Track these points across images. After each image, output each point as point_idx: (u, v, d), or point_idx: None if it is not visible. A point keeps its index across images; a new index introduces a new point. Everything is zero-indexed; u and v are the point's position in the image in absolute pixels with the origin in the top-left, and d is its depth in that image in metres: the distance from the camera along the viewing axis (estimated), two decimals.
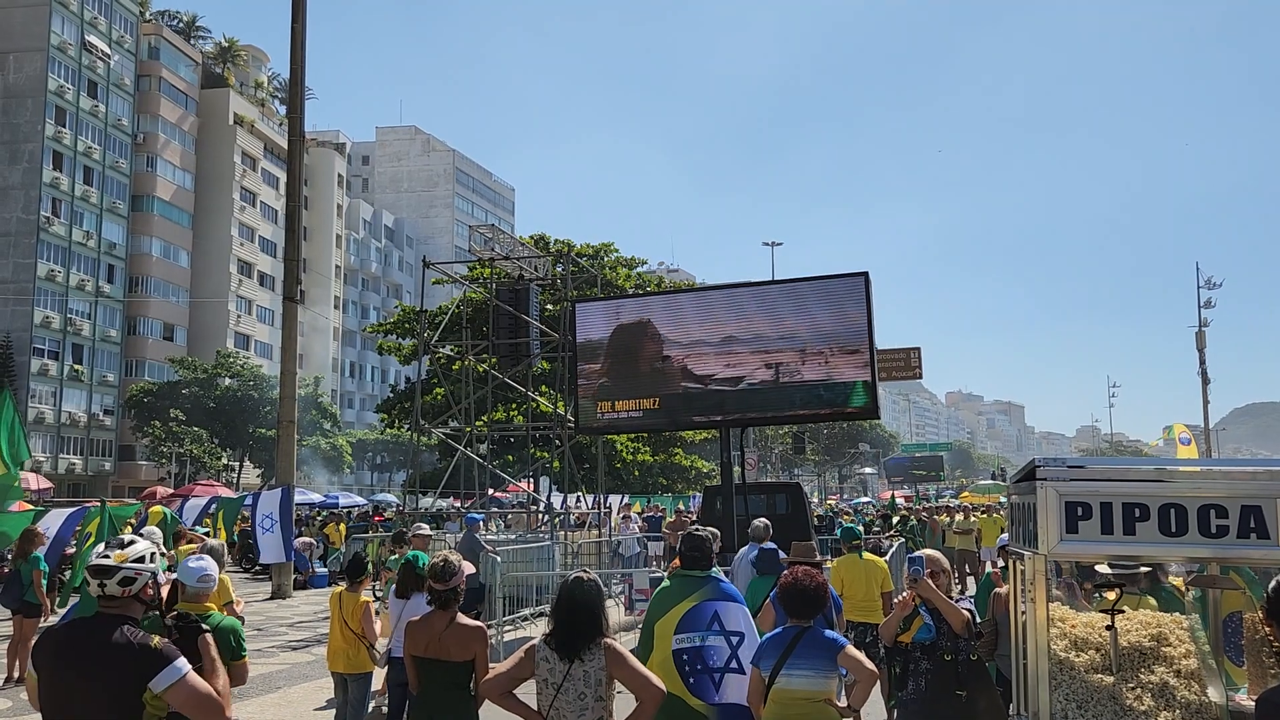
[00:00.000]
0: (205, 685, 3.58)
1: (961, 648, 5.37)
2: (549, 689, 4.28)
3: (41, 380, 57.52)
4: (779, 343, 14.61)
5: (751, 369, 14.72)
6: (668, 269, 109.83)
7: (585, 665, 4.26)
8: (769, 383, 14.60)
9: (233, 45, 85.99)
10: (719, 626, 5.33)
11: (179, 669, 3.46)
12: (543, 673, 4.31)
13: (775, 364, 14.60)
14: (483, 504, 26.26)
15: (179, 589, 4.97)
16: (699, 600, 5.39)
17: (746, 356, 14.74)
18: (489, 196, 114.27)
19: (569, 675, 4.25)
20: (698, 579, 5.52)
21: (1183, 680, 3.65)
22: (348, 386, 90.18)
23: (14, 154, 58.01)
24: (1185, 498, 3.45)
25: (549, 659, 4.31)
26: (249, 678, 5.64)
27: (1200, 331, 45.26)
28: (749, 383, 14.71)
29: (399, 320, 41.58)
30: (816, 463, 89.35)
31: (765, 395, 14.66)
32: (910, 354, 43.52)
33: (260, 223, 77.22)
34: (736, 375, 14.79)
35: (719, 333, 14.95)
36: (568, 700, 4.24)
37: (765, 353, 14.66)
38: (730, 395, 14.77)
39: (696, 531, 5.84)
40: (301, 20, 20.23)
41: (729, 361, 14.85)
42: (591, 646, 4.29)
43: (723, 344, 14.91)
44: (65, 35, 59.98)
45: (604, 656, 4.29)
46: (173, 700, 3.47)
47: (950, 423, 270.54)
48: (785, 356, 14.56)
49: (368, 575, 8.11)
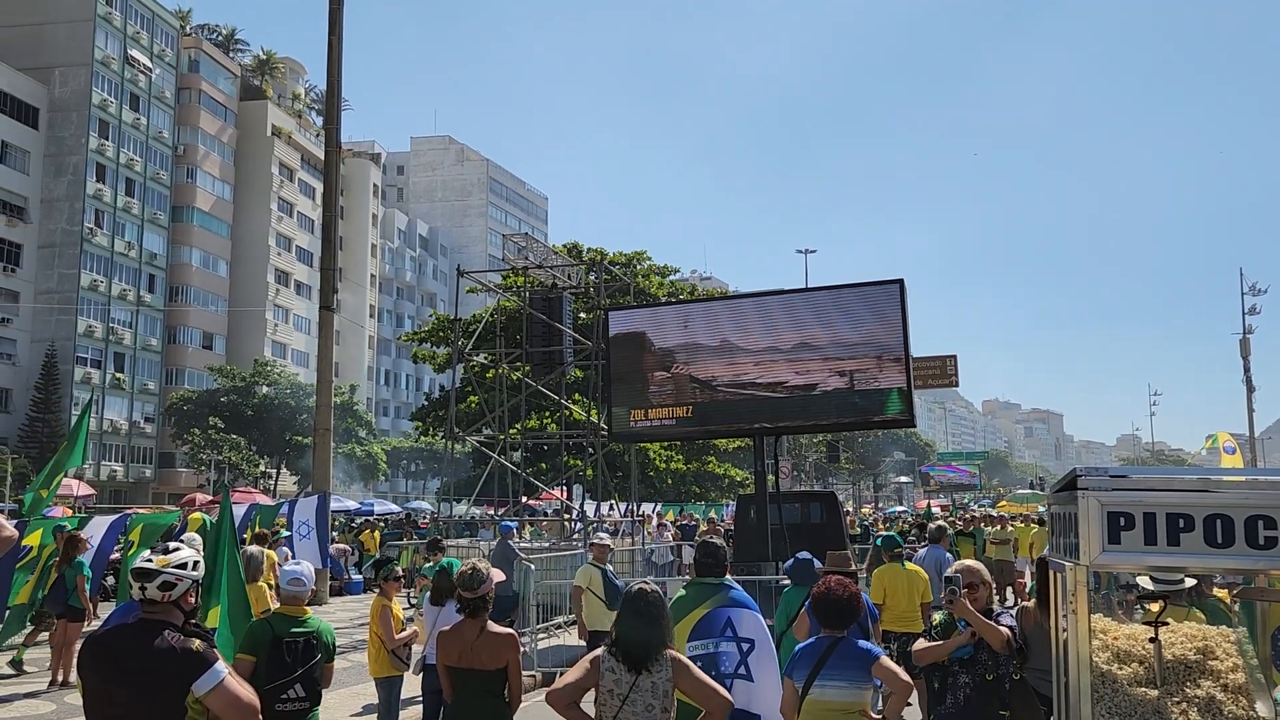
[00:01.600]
0: (245, 689, 3.63)
1: (1003, 664, 5.26)
2: (614, 700, 4.25)
3: (84, 388, 58.53)
4: (813, 350, 14.53)
5: (786, 376, 14.64)
6: (700, 277, 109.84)
7: (653, 677, 4.24)
8: (803, 390, 14.52)
9: (270, 58, 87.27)
10: (731, 633, 5.37)
11: (219, 672, 3.52)
12: (608, 684, 4.28)
13: (809, 371, 14.51)
14: (516, 512, 26.34)
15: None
16: (712, 607, 5.43)
17: (780, 364, 14.67)
18: (522, 205, 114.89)
19: (636, 686, 4.23)
20: (711, 586, 5.56)
21: (1230, 695, 3.56)
22: (383, 394, 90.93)
23: (59, 167, 59.20)
24: (1232, 508, 3.36)
25: (614, 670, 4.28)
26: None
27: (1245, 339, 44.46)
28: (783, 390, 14.64)
29: (433, 328, 41.90)
30: (851, 471, 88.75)
31: (799, 403, 14.58)
32: (946, 362, 43.22)
33: (297, 233, 78.18)
34: (771, 382, 14.71)
35: (752, 340, 14.88)
36: (635, 712, 4.22)
37: (799, 360, 14.57)
38: (764, 403, 14.70)
39: (710, 540, 5.87)
40: (338, 33, 20.47)
41: (763, 369, 14.78)
42: (659, 658, 4.28)
43: (757, 351, 14.85)
44: (109, 50, 61.18)
45: (671, 668, 4.28)
46: (213, 704, 3.52)
47: (987, 431, 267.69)
48: (819, 364, 14.47)
49: (392, 580, 8.09)
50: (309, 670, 5.41)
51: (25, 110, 58.49)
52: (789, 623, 7.66)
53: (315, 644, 5.49)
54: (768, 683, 5.34)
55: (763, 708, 5.29)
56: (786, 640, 7.44)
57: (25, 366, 56.66)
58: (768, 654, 5.40)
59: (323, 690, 5.58)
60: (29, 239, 58.22)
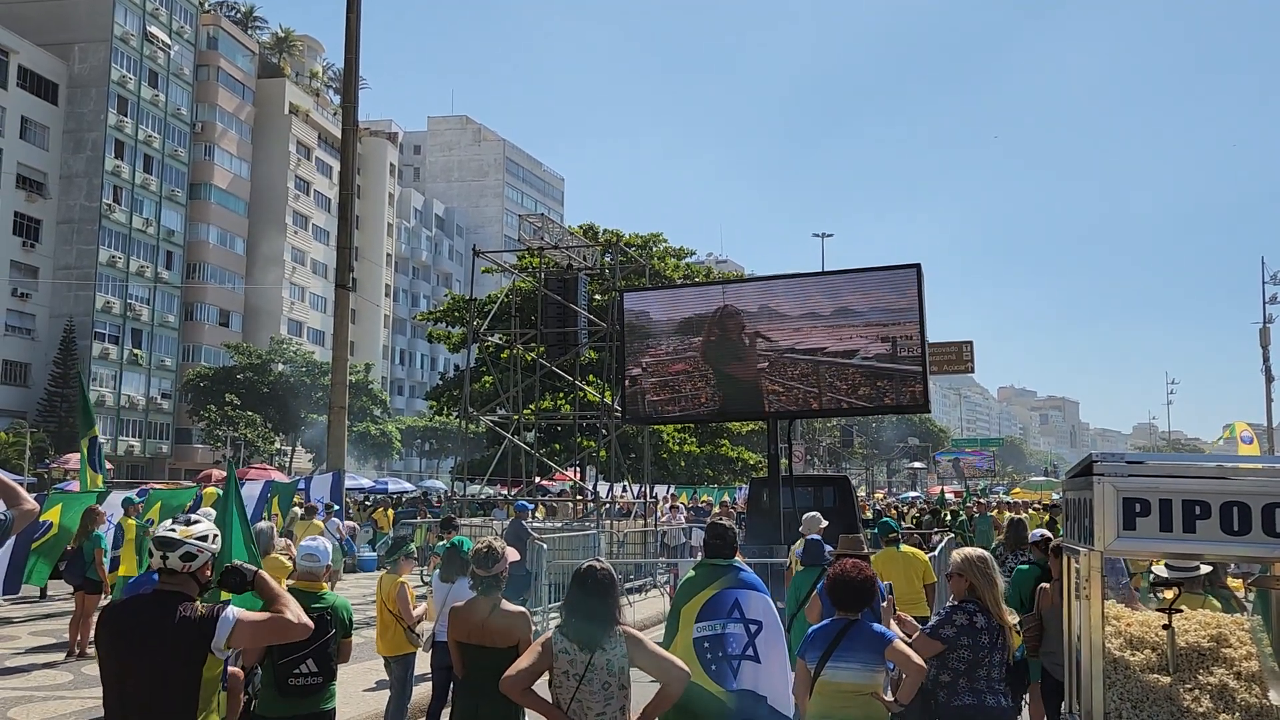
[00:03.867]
0: (260, 615, 3.70)
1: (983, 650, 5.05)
2: (569, 681, 4.19)
3: (102, 364, 59.00)
4: (828, 333, 14.49)
5: (800, 359, 14.60)
6: (716, 260, 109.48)
7: (608, 654, 4.20)
8: (833, 374, 14.48)
9: (289, 36, 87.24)
10: (739, 614, 5.36)
11: (230, 617, 3.57)
12: (562, 665, 4.22)
13: (837, 354, 14.47)
14: (530, 492, 26.43)
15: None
16: (720, 588, 5.43)
17: (795, 347, 14.63)
18: (539, 186, 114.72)
19: (590, 666, 4.17)
20: (720, 567, 5.56)
21: (1243, 683, 3.55)
22: (398, 374, 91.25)
23: (78, 143, 59.44)
24: (1249, 495, 3.34)
25: (567, 650, 4.22)
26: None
27: (1265, 328, 44.07)
28: (798, 373, 14.60)
29: (448, 308, 41.97)
30: (864, 456, 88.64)
31: (814, 386, 14.54)
32: (962, 348, 43.04)
33: (314, 211, 78.34)
34: (785, 366, 14.68)
35: (768, 323, 14.85)
36: (591, 691, 4.16)
37: (814, 343, 14.54)
38: (779, 386, 14.67)
39: (719, 520, 5.87)
40: (356, 11, 20.41)
41: (778, 352, 14.75)
42: (611, 635, 4.23)
43: (772, 334, 14.82)
44: (128, 26, 61.27)
45: (625, 644, 4.24)
46: (240, 641, 3.61)
47: (1002, 418, 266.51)
48: (835, 347, 14.43)
49: (407, 557, 8.17)
50: (322, 646, 5.44)
51: (45, 86, 58.70)
52: (799, 605, 7.67)
53: (330, 619, 5.52)
54: (775, 664, 5.35)
55: (770, 689, 5.30)
56: (798, 623, 7.45)
57: (44, 341, 57.09)
58: (776, 636, 5.41)
59: (338, 666, 5.62)
60: (48, 214, 58.55)
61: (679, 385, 15.32)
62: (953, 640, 4.94)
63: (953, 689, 4.94)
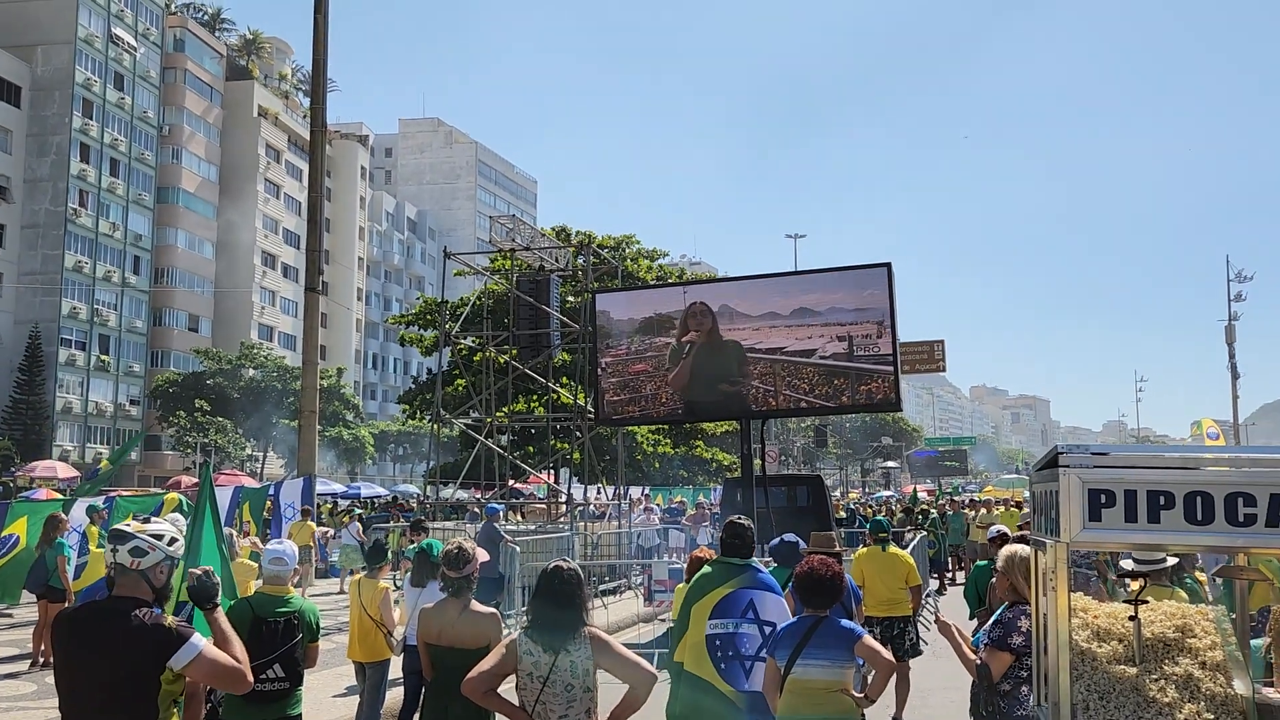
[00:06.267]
0: (224, 656, 3.64)
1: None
2: (534, 683, 4.15)
3: (69, 370, 58.18)
4: (800, 333, 14.51)
5: (772, 359, 14.62)
6: (690, 261, 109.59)
7: (572, 655, 4.15)
8: (799, 370, 14.50)
9: (257, 37, 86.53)
10: (753, 615, 5.35)
11: (196, 645, 3.51)
12: (526, 666, 4.18)
13: (796, 354, 14.49)
14: (503, 495, 26.31)
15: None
16: (735, 587, 5.42)
17: (776, 344, 14.64)
18: (511, 189, 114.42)
19: (555, 667, 4.13)
20: (736, 566, 5.54)
21: (1208, 672, 3.57)
22: (370, 378, 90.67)
23: (42, 146, 58.60)
24: (1212, 485, 3.36)
25: (532, 652, 4.18)
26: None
27: (1230, 326, 44.70)
28: (760, 372, 14.62)
29: (420, 311, 41.70)
30: (838, 456, 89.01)
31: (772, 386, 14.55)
32: (934, 347, 43.28)
33: (284, 214, 77.69)
34: (757, 365, 14.69)
35: (740, 323, 14.86)
36: (555, 693, 4.12)
37: (795, 340, 14.55)
38: (751, 386, 14.68)
39: (738, 520, 5.80)
40: (324, 12, 20.24)
41: (749, 352, 14.75)
42: (576, 637, 4.18)
43: (743, 334, 14.82)
44: (92, 28, 60.49)
45: (590, 646, 4.19)
46: (195, 674, 3.54)
47: (974, 417, 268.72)
48: (807, 347, 14.45)
49: (386, 562, 8.14)
50: (289, 650, 5.38)
51: (7, 89, 57.82)
52: None
53: (297, 624, 5.46)
54: None
55: None
56: None
57: (9, 348, 56.21)
58: None
59: (306, 670, 5.55)
60: (12, 219, 57.66)
61: (639, 386, 15.32)
62: (1020, 649, 4.63)
63: (1014, 698, 4.69)
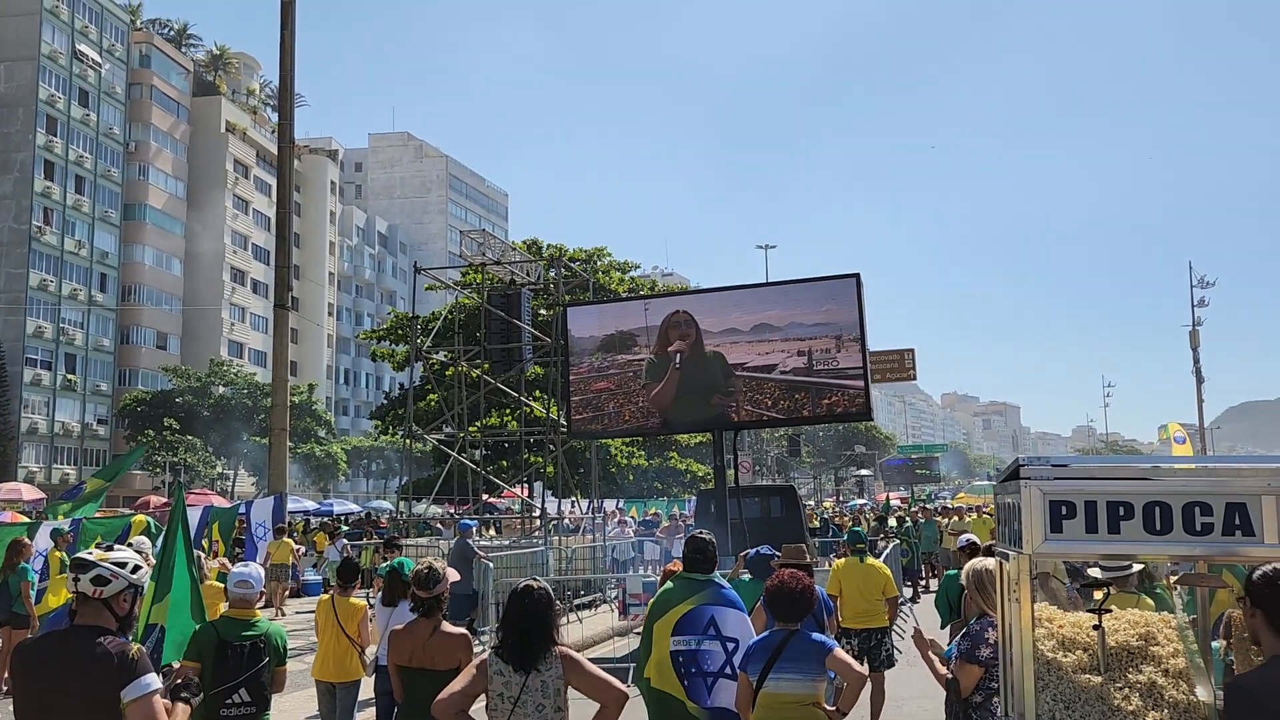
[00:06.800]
0: (163, 715, 3.49)
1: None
2: (504, 703, 4.13)
3: (35, 390, 57.34)
4: (770, 345, 14.58)
5: (743, 372, 14.67)
6: (662, 273, 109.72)
7: (543, 675, 4.14)
8: (761, 385, 14.55)
9: (224, 53, 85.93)
10: (715, 631, 5.34)
11: (147, 684, 3.42)
12: (497, 687, 4.16)
13: (766, 366, 14.56)
14: (477, 510, 26.17)
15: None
16: (697, 604, 5.41)
17: (738, 359, 14.70)
18: (482, 203, 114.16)
19: (526, 687, 4.12)
20: (698, 582, 5.54)
21: (1171, 680, 3.61)
22: (342, 394, 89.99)
23: (5, 164, 57.85)
24: (1170, 495, 3.41)
25: (503, 672, 4.16)
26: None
27: (1194, 330, 45.32)
28: (741, 385, 14.66)
29: (392, 326, 41.49)
30: (812, 465, 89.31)
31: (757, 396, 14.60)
32: (904, 355, 43.60)
33: (253, 230, 77.08)
34: (728, 377, 14.73)
35: (710, 335, 14.90)
36: (526, 713, 4.11)
37: (757, 355, 14.61)
38: (723, 397, 14.72)
39: (699, 535, 5.79)
40: (290, 27, 20.17)
41: (721, 364, 14.80)
42: (547, 656, 4.18)
43: (714, 347, 14.87)
44: (56, 44, 59.86)
45: (561, 665, 4.19)
46: (131, 716, 3.40)
47: (946, 424, 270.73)
48: (777, 358, 14.52)
49: (355, 582, 8.08)
50: (255, 674, 5.32)
51: None
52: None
53: (263, 647, 5.40)
54: None
55: None
56: None
57: None
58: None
59: (273, 695, 5.50)
60: None
61: (601, 404, 15.39)
62: (989, 661, 4.69)
63: (987, 710, 4.73)
